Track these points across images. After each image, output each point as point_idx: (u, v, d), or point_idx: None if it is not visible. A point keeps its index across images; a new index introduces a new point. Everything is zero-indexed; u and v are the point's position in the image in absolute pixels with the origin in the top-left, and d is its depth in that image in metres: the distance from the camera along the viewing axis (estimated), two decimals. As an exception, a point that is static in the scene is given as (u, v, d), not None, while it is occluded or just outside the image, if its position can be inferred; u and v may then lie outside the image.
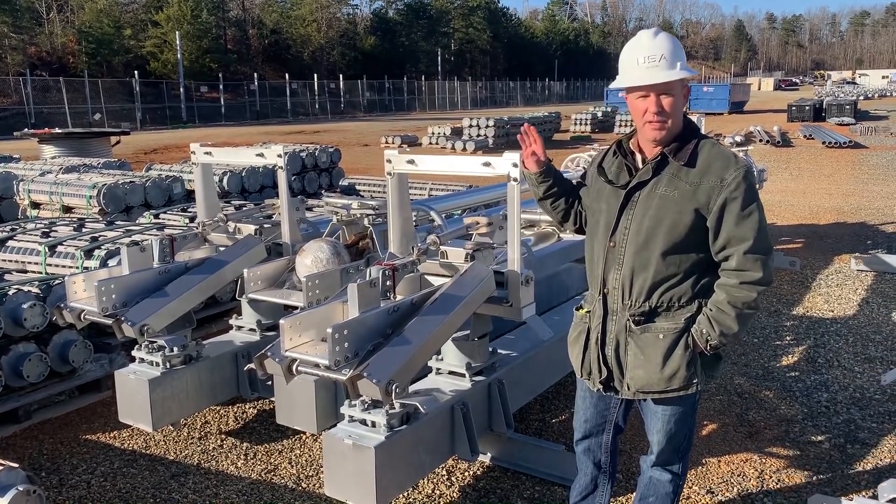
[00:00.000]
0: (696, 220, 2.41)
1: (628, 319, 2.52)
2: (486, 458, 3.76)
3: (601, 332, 2.59)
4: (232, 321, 4.37)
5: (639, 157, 2.57)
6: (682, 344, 2.48)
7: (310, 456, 3.91)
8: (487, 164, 3.21)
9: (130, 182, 7.49)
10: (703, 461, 3.82)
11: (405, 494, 3.50)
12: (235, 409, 4.45)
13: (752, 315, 2.47)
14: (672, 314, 2.49)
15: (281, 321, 2.76)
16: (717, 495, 3.52)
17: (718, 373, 2.65)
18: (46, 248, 5.27)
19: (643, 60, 2.41)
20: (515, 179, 3.10)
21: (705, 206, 2.40)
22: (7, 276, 4.60)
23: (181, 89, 42.51)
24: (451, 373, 3.50)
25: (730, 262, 2.42)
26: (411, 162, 3.46)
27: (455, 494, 3.55)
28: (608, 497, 2.95)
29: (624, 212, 2.51)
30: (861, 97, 46.33)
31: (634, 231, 2.48)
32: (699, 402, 2.74)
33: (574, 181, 2.86)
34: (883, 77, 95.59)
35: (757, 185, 2.49)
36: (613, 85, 2.54)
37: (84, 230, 5.67)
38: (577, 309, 2.74)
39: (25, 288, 4.21)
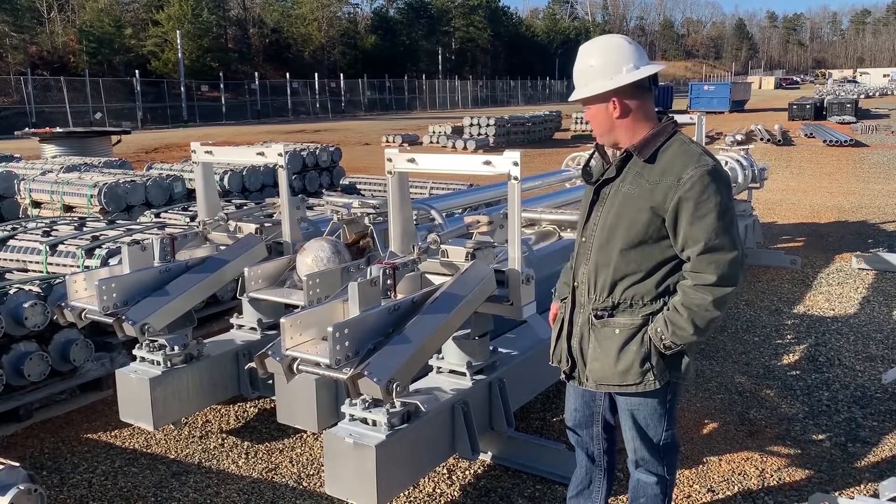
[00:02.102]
0: (651, 218, 2.41)
1: (591, 313, 2.57)
2: (486, 457, 3.76)
3: (569, 324, 2.66)
4: (233, 320, 4.38)
5: (615, 154, 2.63)
6: (637, 340, 2.49)
7: (311, 455, 3.91)
8: (488, 163, 3.21)
9: (131, 181, 7.50)
10: (704, 460, 3.82)
11: (406, 493, 3.50)
12: (236, 408, 4.46)
13: (708, 318, 2.39)
14: (635, 311, 2.51)
15: (282, 320, 2.77)
16: (717, 494, 3.52)
17: (685, 372, 2.56)
18: (47, 248, 5.27)
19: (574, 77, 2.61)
20: (516, 178, 3.10)
21: (661, 205, 2.39)
22: (8, 276, 4.61)
23: (182, 88, 42.49)
24: (451, 371, 3.50)
25: (688, 264, 2.42)
26: (412, 161, 3.46)
27: (456, 493, 3.55)
28: (604, 494, 2.94)
29: (594, 208, 2.58)
30: (862, 96, 46.30)
31: (601, 227, 2.53)
32: (674, 401, 2.65)
33: None
34: (884, 75, 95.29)
35: (724, 184, 2.43)
36: None
37: (85, 229, 5.67)
38: (563, 300, 2.79)
39: (26, 287, 4.21)
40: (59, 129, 15.87)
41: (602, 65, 2.45)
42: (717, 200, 2.34)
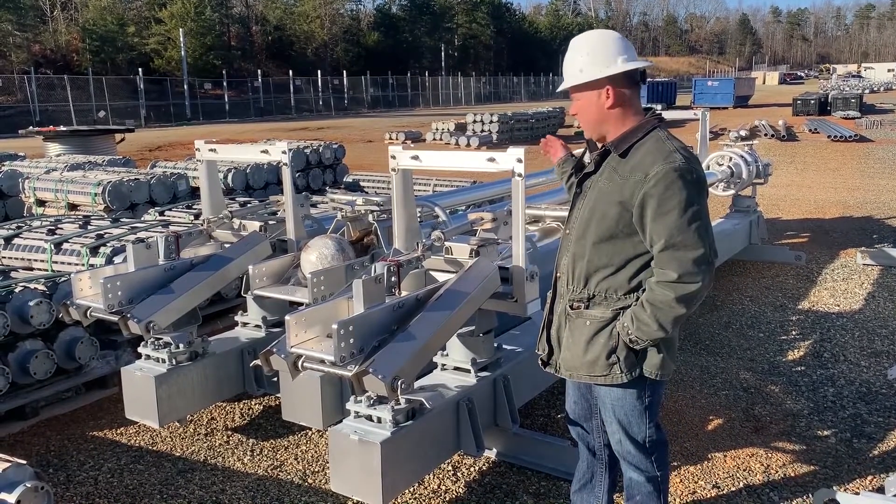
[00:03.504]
0: (621, 213, 2.44)
1: (567, 304, 2.62)
2: (491, 454, 3.76)
3: (549, 313, 2.74)
4: (237, 318, 4.38)
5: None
6: (606, 333, 2.52)
7: (316, 452, 3.92)
8: (492, 160, 3.21)
9: (135, 179, 7.51)
10: (709, 456, 3.82)
11: (411, 490, 3.51)
12: (241, 406, 4.46)
13: (672, 314, 2.38)
14: (608, 304, 2.54)
15: (286, 317, 2.77)
16: (722, 490, 3.52)
17: (658, 368, 2.53)
18: (52, 246, 5.28)
19: None
20: (520, 175, 3.10)
21: (629, 200, 2.41)
22: (13, 274, 4.62)
23: (185, 86, 42.54)
24: (456, 368, 3.50)
25: (654, 260, 2.44)
26: (415, 158, 3.46)
27: (461, 490, 3.55)
28: (607, 487, 2.95)
29: (577, 201, 2.63)
30: (866, 91, 46.04)
31: (579, 220, 2.59)
32: (654, 398, 2.63)
33: None
34: (888, 70, 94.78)
35: (691, 182, 2.38)
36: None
37: (89, 227, 5.68)
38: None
39: (32, 285, 4.22)
40: (62, 128, 15.89)
41: (597, 54, 2.48)
42: (681, 197, 2.34)
